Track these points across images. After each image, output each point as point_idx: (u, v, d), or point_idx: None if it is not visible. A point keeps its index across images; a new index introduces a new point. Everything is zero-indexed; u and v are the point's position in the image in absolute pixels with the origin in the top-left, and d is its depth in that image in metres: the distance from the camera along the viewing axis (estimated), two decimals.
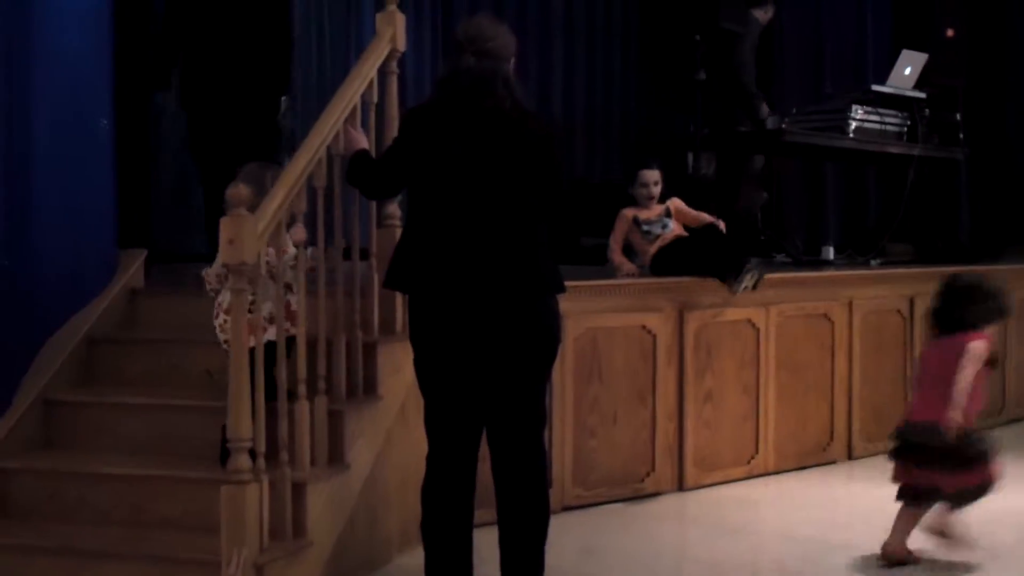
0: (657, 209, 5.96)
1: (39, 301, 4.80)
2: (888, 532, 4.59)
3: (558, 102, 10.25)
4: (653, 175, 5.94)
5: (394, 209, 4.72)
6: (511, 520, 3.74)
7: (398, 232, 4.68)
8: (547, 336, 3.72)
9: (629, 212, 5.95)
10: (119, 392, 4.75)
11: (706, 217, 5.98)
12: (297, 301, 4.14)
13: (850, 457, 6.42)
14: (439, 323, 3.63)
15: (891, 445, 4.64)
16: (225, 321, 4.14)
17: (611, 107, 11.10)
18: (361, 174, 3.95)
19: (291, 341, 4.06)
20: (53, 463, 4.47)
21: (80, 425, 4.64)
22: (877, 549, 4.59)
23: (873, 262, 7.49)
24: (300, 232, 4.22)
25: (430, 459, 3.77)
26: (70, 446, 4.63)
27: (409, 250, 3.71)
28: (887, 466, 4.66)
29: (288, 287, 4.15)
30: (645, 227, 5.89)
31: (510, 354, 3.64)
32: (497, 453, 3.75)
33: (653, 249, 5.85)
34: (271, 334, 4.08)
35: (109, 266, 5.16)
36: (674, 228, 5.90)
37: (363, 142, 4.20)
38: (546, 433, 4.05)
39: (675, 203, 6.02)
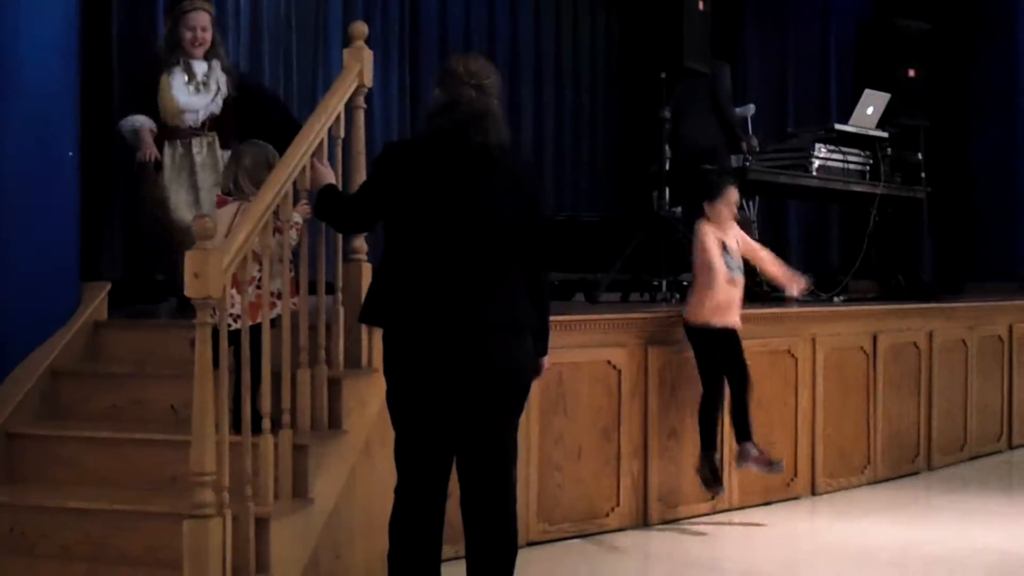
0: (733, 233, 5.84)
1: (0, 333, 4.77)
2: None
3: (527, 138, 10.31)
4: (737, 194, 5.88)
5: (360, 244, 4.73)
6: (479, 555, 3.72)
7: (364, 266, 4.71)
8: (521, 373, 3.74)
9: (714, 232, 5.74)
10: (82, 426, 4.72)
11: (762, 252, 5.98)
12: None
13: (814, 493, 6.44)
14: (416, 358, 3.62)
15: None
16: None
17: (579, 144, 11.18)
18: (334, 208, 3.96)
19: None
20: (14, 497, 4.42)
21: (42, 458, 4.60)
22: None
23: (836, 299, 7.55)
24: (305, 208, 4.36)
25: (399, 492, 3.76)
26: (32, 480, 4.59)
27: (387, 285, 3.70)
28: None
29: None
30: (728, 256, 5.77)
31: (485, 390, 3.64)
32: (467, 488, 3.74)
33: (722, 299, 5.67)
34: (278, 309, 4.23)
35: (72, 298, 5.14)
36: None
37: (330, 176, 4.20)
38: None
39: (745, 239, 5.92)
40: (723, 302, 5.67)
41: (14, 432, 4.65)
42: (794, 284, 5.89)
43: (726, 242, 5.76)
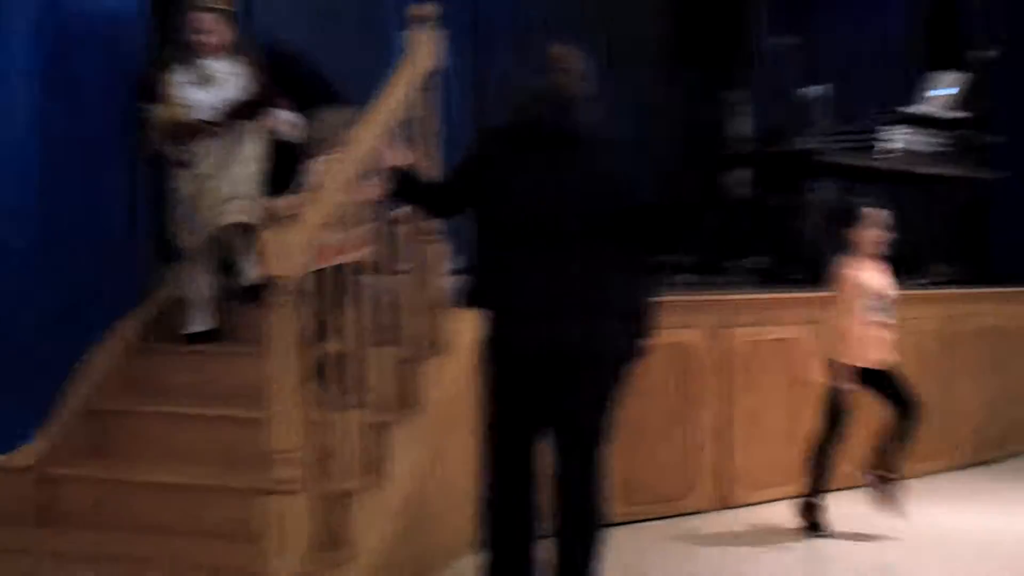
0: (884, 268, 5.31)
1: (83, 309, 4.82)
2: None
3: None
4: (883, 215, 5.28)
5: (436, 224, 4.71)
6: (566, 534, 3.74)
7: (439, 247, 4.70)
8: (604, 356, 3.73)
9: (855, 274, 5.17)
10: (165, 401, 4.76)
11: None
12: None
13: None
14: (509, 339, 3.68)
15: None
16: None
17: (642, 128, 11.11)
18: (422, 191, 3.99)
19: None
20: (98, 471, 4.48)
21: (125, 434, 4.66)
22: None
23: (909, 283, 7.43)
24: (376, 188, 4.23)
25: (489, 471, 3.79)
26: (114, 455, 4.64)
27: (488, 268, 3.74)
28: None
29: None
30: (876, 301, 5.20)
31: (569, 371, 3.66)
32: (561, 467, 3.75)
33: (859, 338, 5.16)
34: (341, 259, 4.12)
35: (156, 275, 5.19)
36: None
37: (402, 159, 4.17)
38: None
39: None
40: (861, 341, 5.21)
41: (98, 408, 4.69)
42: None
43: (868, 286, 5.21)
